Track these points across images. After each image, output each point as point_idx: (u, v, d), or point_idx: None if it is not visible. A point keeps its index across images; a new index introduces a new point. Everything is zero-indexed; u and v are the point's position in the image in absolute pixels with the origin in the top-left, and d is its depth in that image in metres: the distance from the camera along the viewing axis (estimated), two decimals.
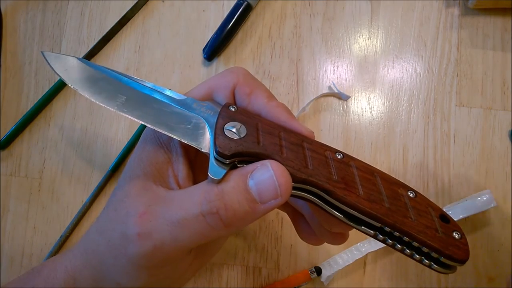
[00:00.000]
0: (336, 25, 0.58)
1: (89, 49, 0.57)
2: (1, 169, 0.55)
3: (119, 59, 0.58)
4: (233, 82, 0.36)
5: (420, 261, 0.31)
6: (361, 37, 0.58)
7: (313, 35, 0.58)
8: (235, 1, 0.57)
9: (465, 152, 0.54)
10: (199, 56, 0.58)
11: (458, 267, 0.31)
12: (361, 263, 0.52)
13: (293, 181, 0.31)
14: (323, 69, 0.57)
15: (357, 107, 0.56)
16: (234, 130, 0.32)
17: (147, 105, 0.35)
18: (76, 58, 0.37)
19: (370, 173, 0.32)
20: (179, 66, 0.57)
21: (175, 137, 0.33)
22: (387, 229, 0.30)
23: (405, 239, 0.30)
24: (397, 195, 0.31)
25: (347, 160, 0.33)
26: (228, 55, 0.58)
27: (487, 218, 0.52)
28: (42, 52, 0.37)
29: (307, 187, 0.31)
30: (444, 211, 0.32)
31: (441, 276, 0.51)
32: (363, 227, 0.32)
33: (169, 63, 0.58)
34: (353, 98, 0.56)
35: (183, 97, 0.35)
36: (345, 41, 0.57)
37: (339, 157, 0.33)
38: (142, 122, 0.33)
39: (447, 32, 0.57)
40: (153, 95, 0.35)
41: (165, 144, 0.35)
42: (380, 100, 0.56)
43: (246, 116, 0.33)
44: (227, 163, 0.31)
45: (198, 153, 0.37)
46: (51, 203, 0.55)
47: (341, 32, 0.58)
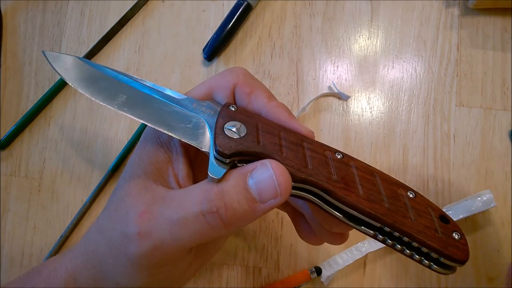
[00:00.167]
0: (336, 25, 0.58)
1: (89, 49, 0.57)
2: (1, 169, 0.55)
3: (119, 59, 0.58)
4: (233, 82, 0.36)
5: (419, 262, 0.31)
6: (361, 37, 0.58)
7: (313, 35, 0.58)
8: (235, 1, 0.57)
9: (465, 152, 0.54)
10: (199, 56, 0.58)
11: (457, 268, 0.31)
12: (361, 263, 0.52)
13: (292, 181, 0.31)
14: (323, 69, 0.57)
15: (357, 107, 0.56)
16: (234, 129, 0.32)
17: (148, 104, 0.35)
18: (76, 57, 0.37)
19: (369, 173, 0.32)
20: (179, 66, 0.57)
21: (175, 136, 0.33)
22: (387, 229, 0.30)
23: (405, 239, 0.30)
24: (397, 195, 0.31)
25: (347, 160, 0.33)
26: (228, 55, 0.57)
27: (487, 218, 0.52)
28: (43, 51, 0.37)
29: (307, 187, 0.32)
30: (443, 211, 0.32)
31: (441, 276, 0.51)
32: (362, 227, 0.32)
33: (169, 63, 0.58)
34: (353, 98, 0.56)
35: (183, 96, 0.36)
36: (345, 41, 0.57)
37: (338, 157, 0.33)
38: (142, 121, 0.34)
39: (447, 32, 0.57)
40: (153, 95, 0.35)
41: (165, 143, 0.35)
42: (380, 100, 0.56)
43: (246, 115, 0.33)
44: (227, 162, 0.31)
45: (198, 152, 0.37)
46: (51, 203, 0.55)
47: (341, 32, 0.58)
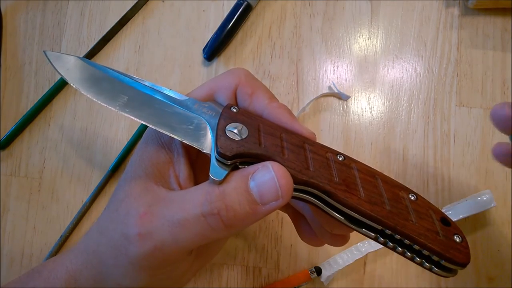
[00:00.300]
0: (336, 25, 0.58)
1: (89, 49, 0.57)
2: (1, 169, 0.55)
3: (119, 59, 0.58)
4: (234, 83, 0.36)
5: (420, 264, 0.31)
6: (361, 37, 0.58)
7: (313, 35, 0.58)
8: (235, 1, 0.57)
9: (465, 152, 0.54)
10: (199, 56, 0.57)
11: (458, 270, 0.31)
12: (361, 263, 0.52)
13: (294, 183, 0.31)
14: (323, 69, 0.57)
15: (357, 107, 0.56)
16: (235, 131, 0.32)
17: (149, 105, 0.35)
18: (78, 57, 0.37)
19: (371, 175, 0.32)
20: (179, 66, 0.57)
21: (176, 137, 0.33)
22: (388, 231, 0.30)
23: (406, 242, 0.30)
24: (398, 198, 0.31)
25: (348, 162, 0.33)
26: (228, 55, 0.57)
27: (487, 218, 0.52)
28: (44, 51, 0.37)
29: (308, 189, 0.31)
30: (445, 214, 0.32)
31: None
32: (364, 230, 0.32)
33: (169, 63, 0.57)
34: (353, 98, 0.56)
35: (184, 97, 0.35)
36: (345, 41, 0.57)
37: (340, 159, 0.33)
38: (143, 122, 0.33)
39: (447, 32, 0.57)
40: (155, 96, 0.35)
41: (166, 144, 0.35)
42: (380, 100, 0.56)
43: (247, 117, 0.33)
44: (229, 164, 0.31)
45: (199, 154, 0.37)
46: (51, 203, 0.55)
47: (341, 32, 0.58)
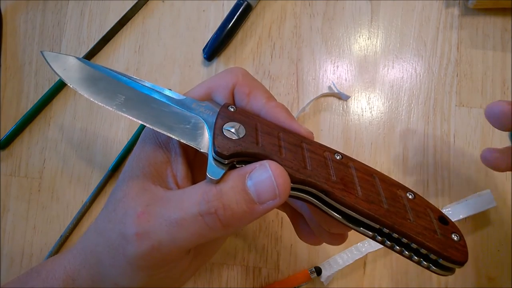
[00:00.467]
0: (336, 25, 0.58)
1: (89, 49, 0.57)
2: (1, 169, 0.55)
3: (119, 59, 0.58)
4: (232, 82, 0.36)
5: (418, 263, 0.31)
6: (361, 37, 0.57)
7: (313, 35, 0.58)
8: (235, 1, 0.57)
9: (465, 152, 0.54)
10: (199, 56, 0.57)
11: (456, 269, 0.31)
12: (361, 263, 0.52)
13: (291, 182, 0.31)
14: (323, 69, 0.57)
15: (357, 107, 0.56)
16: (233, 130, 0.32)
17: (146, 104, 0.35)
18: (75, 57, 0.37)
19: (369, 174, 0.32)
20: (179, 66, 0.57)
21: (174, 137, 0.33)
22: (386, 230, 0.30)
23: (404, 240, 0.30)
24: (396, 197, 0.31)
25: (346, 161, 0.33)
26: (228, 55, 0.57)
27: (487, 218, 0.52)
28: (41, 51, 0.37)
29: (306, 188, 0.31)
30: (443, 212, 0.31)
31: (441, 276, 0.51)
32: (361, 229, 0.31)
33: (169, 63, 0.58)
34: (353, 98, 0.56)
35: (182, 97, 0.35)
36: (345, 41, 0.57)
37: (338, 158, 0.32)
38: (141, 121, 0.33)
39: (447, 32, 0.57)
40: (152, 95, 0.35)
41: (164, 144, 0.35)
42: (380, 100, 0.56)
43: (245, 116, 0.33)
44: (226, 163, 0.31)
45: (197, 153, 0.37)
46: (51, 203, 0.55)
47: (341, 32, 0.58)
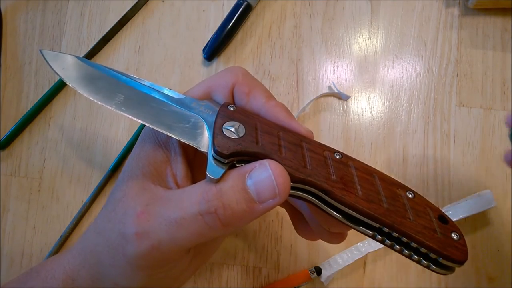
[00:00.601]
0: (336, 25, 0.58)
1: (89, 49, 0.57)
2: (1, 169, 0.55)
3: (119, 59, 0.58)
4: (232, 81, 0.36)
5: (418, 262, 0.31)
6: (361, 37, 0.57)
7: (313, 35, 0.58)
8: (235, 1, 0.57)
9: (465, 152, 0.54)
10: (199, 56, 0.57)
11: (456, 268, 0.31)
12: (361, 263, 0.52)
13: (291, 181, 0.31)
14: (323, 69, 0.57)
15: (357, 107, 0.56)
16: (232, 129, 0.32)
17: (146, 104, 0.34)
18: (74, 56, 0.37)
19: (368, 173, 0.32)
20: (179, 66, 0.57)
21: (173, 136, 0.33)
22: (386, 229, 0.30)
23: (404, 239, 0.30)
24: (396, 196, 0.31)
25: (346, 160, 0.33)
26: (228, 55, 0.57)
27: (487, 218, 0.52)
28: (40, 50, 0.37)
29: (306, 187, 0.31)
30: (442, 211, 0.31)
31: (441, 276, 0.51)
32: (361, 228, 0.31)
33: (169, 63, 0.58)
34: (353, 98, 0.56)
35: (181, 96, 0.35)
36: (345, 41, 0.57)
37: (337, 157, 0.32)
38: (140, 121, 0.33)
39: (447, 32, 0.57)
40: (151, 94, 0.35)
41: (163, 143, 0.35)
42: (380, 100, 0.56)
43: (244, 115, 0.33)
44: (226, 162, 0.31)
45: (197, 153, 0.37)
46: (51, 203, 0.55)
47: (341, 32, 0.58)
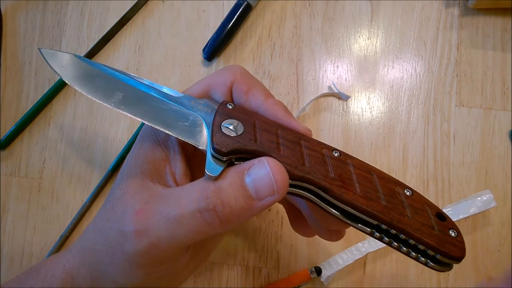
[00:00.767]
0: (336, 25, 0.58)
1: (89, 49, 0.57)
2: (1, 169, 0.55)
3: (119, 59, 0.58)
4: (230, 79, 0.36)
5: (416, 259, 0.31)
6: (361, 37, 0.58)
7: (313, 35, 0.58)
8: (235, 1, 0.57)
9: (465, 152, 0.54)
10: (199, 56, 0.58)
11: (456, 265, 0.31)
12: (361, 263, 0.52)
13: (290, 179, 0.31)
14: (323, 69, 0.57)
15: (357, 107, 0.56)
16: (231, 127, 0.32)
17: (144, 102, 0.35)
18: (73, 55, 0.37)
19: (366, 171, 0.32)
20: (179, 66, 0.57)
21: (172, 134, 0.33)
22: (384, 226, 0.30)
23: (402, 236, 0.30)
24: (394, 193, 0.31)
25: (344, 158, 0.33)
26: (228, 55, 0.58)
27: (487, 218, 0.52)
28: (39, 48, 0.37)
29: (304, 185, 0.31)
30: (440, 209, 0.32)
31: (441, 276, 0.51)
32: (359, 225, 0.32)
33: (169, 63, 0.58)
34: (353, 98, 0.56)
35: (180, 94, 0.36)
36: (345, 41, 0.57)
37: (336, 155, 0.33)
38: (139, 119, 0.33)
39: (447, 32, 0.57)
40: (150, 93, 0.35)
41: (162, 141, 0.35)
42: (380, 100, 0.56)
43: (243, 113, 0.33)
44: (224, 160, 0.31)
45: (195, 152, 0.37)
46: (51, 203, 0.55)
47: (341, 32, 0.58)
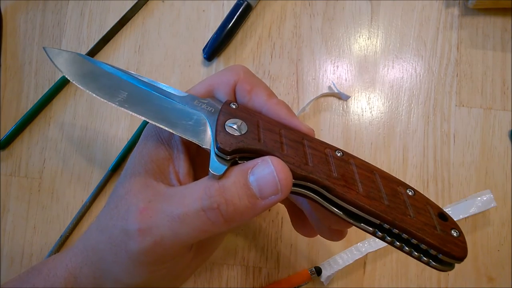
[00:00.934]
0: (336, 25, 0.58)
1: (89, 49, 0.57)
2: (1, 169, 0.55)
3: (119, 59, 0.58)
4: (233, 79, 0.36)
5: (418, 258, 0.31)
6: (361, 37, 0.58)
7: (313, 35, 0.58)
8: (235, 1, 0.57)
9: (465, 152, 0.54)
10: (199, 56, 0.58)
11: (456, 265, 0.31)
12: (361, 263, 0.52)
13: (293, 178, 0.31)
14: (323, 69, 0.57)
15: (357, 107, 0.56)
16: (235, 126, 0.32)
17: (149, 101, 0.35)
18: (77, 54, 0.37)
19: (369, 171, 0.33)
20: (179, 66, 0.57)
21: (176, 133, 0.33)
22: (386, 226, 0.31)
23: (404, 236, 0.30)
24: (396, 193, 0.32)
25: (347, 158, 0.33)
26: (228, 55, 0.58)
27: (487, 218, 0.52)
28: (44, 47, 0.37)
29: (307, 184, 0.32)
30: (442, 209, 0.32)
31: (441, 276, 0.51)
32: (362, 224, 0.32)
33: (169, 63, 0.58)
34: (353, 98, 0.56)
35: (184, 94, 0.36)
36: (345, 41, 0.58)
37: (339, 154, 0.33)
38: (143, 118, 0.34)
39: (447, 32, 0.57)
40: (154, 92, 0.35)
41: (166, 140, 0.35)
42: (380, 100, 0.56)
43: (247, 113, 0.34)
44: (228, 159, 0.31)
45: (199, 151, 0.37)
46: (51, 203, 0.55)
47: (341, 32, 0.58)
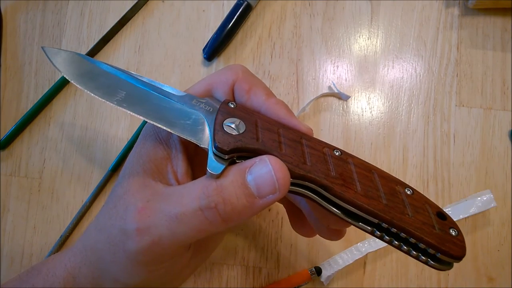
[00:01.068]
0: (336, 25, 0.58)
1: (89, 49, 0.57)
2: (1, 169, 0.55)
3: (119, 59, 0.58)
4: (232, 78, 0.36)
5: (416, 258, 0.31)
6: (361, 37, 0.58)
7: (313, 35, 0.58)
8: (235, 1, 0.57)
9: (465, 152, 0.54)
10: (199, 56, 0.58)
11: (456, 265, 0.31)
12: (361, 263, 0.52)
13: (291, 177, 0.31)
14: (323, 69, 0.57)
15: (357, 107, 0.56)
16: (233, 126, 0.32)
17: (147, 100, 0.35)
18: (76, 53, 0.37)
19: (367, 170, 0.32)
20: (179, 66, 0.57)
21: (174, 132, 0.33)
22: (385, 225, 0.30)
23: (402, 235, 0.30)
24: (395, 192, 0.32)
25: (345, 157, 0.33)
26: (228, 55, 0.58)
27: (487, 218, 0.52)
28: (42, 47, 0.37)
29: (306, 183, 0.32)
30: (440, 208, 0.32)
31: (441, 276, 0.51)
32: (360, 224, 0.32)
33: (169, 63, 0.58)
34: (353, 98, 0.56)
35: (182, 93, 0.36)
36: (345, 41, 0.57)
37: (337, 154, 0.33)
38: (141, 117, 0.34)
39: (447, 32, 0.57)
40: (152, 91, 0.35)
41: (164, 140, 0.35)
42: (380, 100, 0.56)
43: (245, 112, 0.34)
44: (226, 158, 0.31)
45: (197, 151, 0.37)
46: (51, 203, 0.55)
47: (341, 32, 0.58)
